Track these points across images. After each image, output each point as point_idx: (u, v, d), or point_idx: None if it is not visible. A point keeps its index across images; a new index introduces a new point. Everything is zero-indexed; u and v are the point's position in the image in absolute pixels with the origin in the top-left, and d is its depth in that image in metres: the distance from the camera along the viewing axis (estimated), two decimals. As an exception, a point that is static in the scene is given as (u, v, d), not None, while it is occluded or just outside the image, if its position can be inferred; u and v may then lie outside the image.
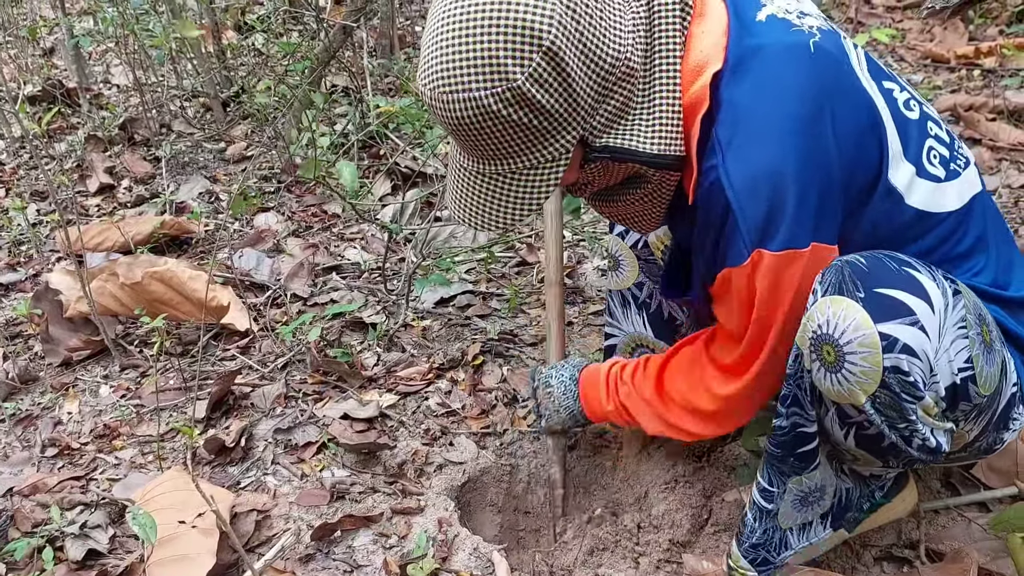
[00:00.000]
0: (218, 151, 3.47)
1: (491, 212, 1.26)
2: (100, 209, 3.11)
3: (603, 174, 1.30)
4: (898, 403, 1.14)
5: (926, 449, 1.19)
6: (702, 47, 1.22)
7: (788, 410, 1.28)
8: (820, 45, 1.23)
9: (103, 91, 4.12)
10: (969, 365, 1.16)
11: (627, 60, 1.18)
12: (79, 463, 1.92)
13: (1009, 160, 2.90)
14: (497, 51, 1.08)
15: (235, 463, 1.88)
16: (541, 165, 1.20)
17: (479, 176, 1.24)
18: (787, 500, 1.36)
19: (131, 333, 2.37)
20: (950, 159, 1.32)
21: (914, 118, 1.30)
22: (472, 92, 1.11)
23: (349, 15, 3.19)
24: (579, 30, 1.11)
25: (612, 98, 1.20)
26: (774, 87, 1.19)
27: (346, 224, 2.95)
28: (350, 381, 2.11)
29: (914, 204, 1.27)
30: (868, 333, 1.11)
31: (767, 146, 1.17)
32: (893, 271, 1.15)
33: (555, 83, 1.11)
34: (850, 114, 1.21)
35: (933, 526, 1.59)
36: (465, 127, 1.15)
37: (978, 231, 1.33)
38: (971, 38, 3.95)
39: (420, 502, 1.75)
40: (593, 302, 2.46)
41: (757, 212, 1.17)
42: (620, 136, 1.23)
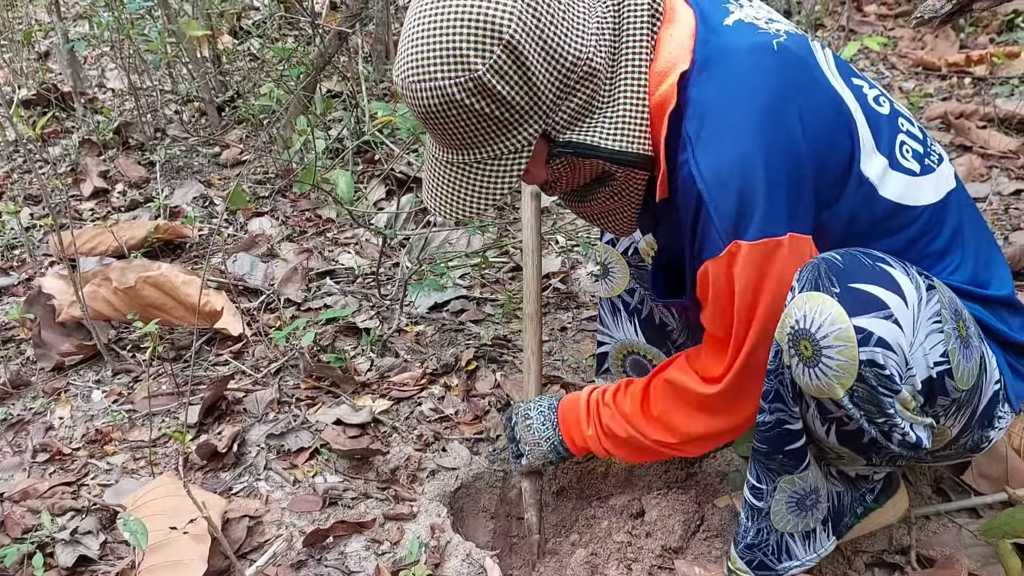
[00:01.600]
0: (213, 156, 3.47)
1: (457, 200, 1.31)
2: (94, 213, 3.11)
3: (570, 171, 1.33)
4: (875, 396, 1.16)
5: (906, 444, 1.21)
6: (670, 49, 1.27)
7: (771, 406, 1.30)
8: (784, 45, 1.27)
9: (98, 95, 4.12)
10: (945, 359, 1.18)
11: (589, 60, 1.23)
12: (70, 468, 1.92)
13: (999, 167, 2.92)
14: (460, 43, 1.15)
15: (227, 469, 1.88)
16: (505, 156, 1.26)
17: (448, 165, 1.30)
18: (780, 500, 1.36)
19: (124, 338, 2.36)
20: (924, 154, 1.35)
21: (884, 113, 1.33)
22: (438, 81, 1.17)
23: (344, 21, 3.20)
24: (539, 27, 1.17)
25: (575, 95, 1.24)
26: (739, 83, 1.23)
27: (340, 229, 2.95)
28: (343, 386, 2.11)
29: (888, 196, 1.29)
30: (843, 327, 1.13)
31: (734, 138, 1.21)
32: (867, 267, 1.17)
33: (515, 75, 1.17)
34: (816, 106, 1.24)
35: (924, 532, 1.60)
36: (432, 115, 1.22)
37: (954, 226, 1.34)
38: (962, 46, 3.98)
39: (413, 508, 1.75)
40: (587, 307, 2.46)
41: (728, 202, 1.20)
42: (583, 133, 1.27)
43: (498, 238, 2.77)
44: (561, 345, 2.27)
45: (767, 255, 1.21)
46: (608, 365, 1.91)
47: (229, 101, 3.79)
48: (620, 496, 1.77)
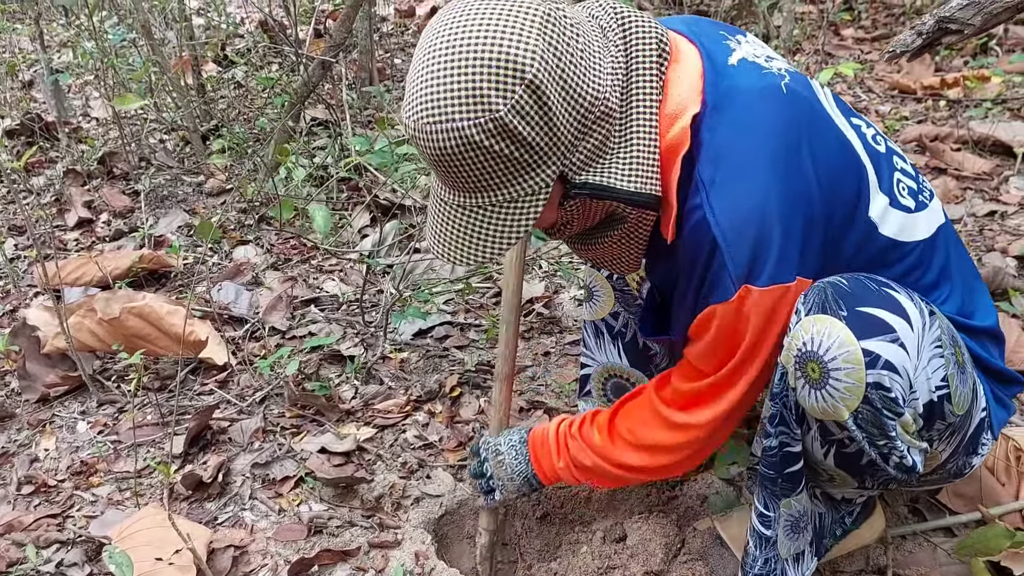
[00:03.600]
0: (197, 184, 3.48)
1: (470, 246, 1.26)
2: (78, 243, 3.12)
3: (581, 213, 1.31)
4: (879, 419, 1.18)
5: (902, 467, 1.24)
6: (680, 91, 1.26)
7: (776, 429, 1.31)
8: (791, 86, 1.28)
9: (82, 124, 4.14)
10: (945, 384, 1.21)
11: (606, 100, 1.21)
12: (55, 500, 1.92)
13: (973, 189, 2.98)
14: (481, 83, 1.11)
15: (212, 499, 1.89)
16: (521, 198, 1.22)
17: (459, 209, 1.25)
18: (782, 526, 1.38)
19: (109, 368, 2.37)
20: (918, 190, 1.37)
21: (882, 151, 1.36)
22: (456, 123, 1.13)
23: (328, 50, 3.23)
24: (560, 67, 1.14)
25: (591, 136, 1.22)
26: (753, 127, 1.22)
27: (325, 257, 2.97)
28: (328, 414, 2.12)
29: (887, 234, 1.31)
30: (852, 349, 1.15)
31: (750, 184, 1.20)
32: (873, 291, 1.20)
33: (536, 116, 1.14)
34: (826, 149, 1.25)
35: (900, 552, 1.62)
36: (448, 158, 1.17)
37: (943, 260, 1.37)
38: (937, 69, 4.05)
39: (397, 535, 1.76)
40: (570, 331, 2.49)
41: (744, 249, 1.20)
42: (599, 174, 1.24)
43: (481, 265, 2.79)
44: (544, 370, 2.30)
45: (776, 301, 1.23)
46: (590, 388, 1.93)
47: (213, 130, 3.81)
48: (602, 520, 1.79)
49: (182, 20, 3.76)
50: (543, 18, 1.14)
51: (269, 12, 4.33)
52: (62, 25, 5.00)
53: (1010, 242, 2.60)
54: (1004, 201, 2.88)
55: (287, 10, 3.84)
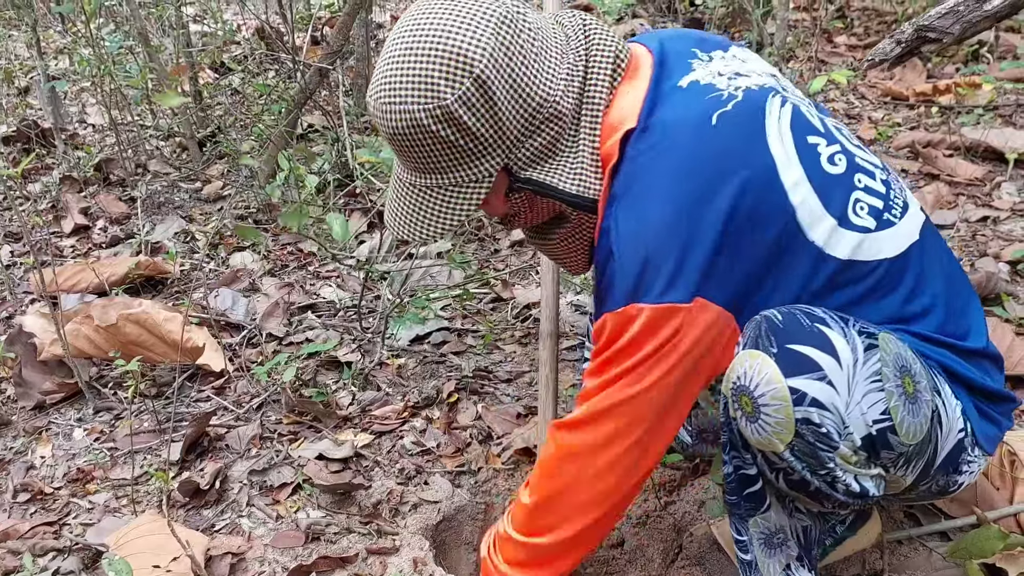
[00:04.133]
0: (194, 191, 3.49)
1: (415, 222, 1.36)
2: (75, 250, 3.12)
3: (528, 207, 1.39)
4: (814, 452, 1.20)
5: (852, 494, 1.25)
6: (623, 106, 1.32)
7: (729, 455, 1.34)
8: (727, 114, 1.28)
9: (79, 131, 4.14)
10: (886, 417, 1.20)
11: (555, 103, 1.28)
12: (52, 508, 1.92)
13: (966, 195, 3.00)
14: (432, 72, 1.22)
15: (210, 506, 1.89)
16: (465, 184, 1.32)
17: (411, 187, 1.36)
18: (756, 545, 1.39)
19: (105, 375, 2.37)
20: (883, 209, 1.33)
21: (838, 172, 1.31)
22: (408, 106, 1.24)
23: (325, 57, 3.24)
24: (510, 66, 1.24)
25: (539, 135, 1.30)
26: (666, 153, 1.26)
27: (322, 262, 2.98)
28: (325, 421, 2.13)
29: (838, 255, 1.28)
30: (779, 387, 1.18)
31: (652, 203, 1.24)
32: (805, 328, 1.20)
33: (482, 108, 1.24)
34: (740, 180, 1.24)
35: (896, 556, 1.63)
36: (400, 137, 1.28)
37: (917, 278, 1.34)
38: (929, 76, 4.08)
39: (395, 542, 1.77)
40: (568, 337, 2.49)
41: (634, 265, 1.24)
42: (544, 172, 1.32)
43: (479, 270, 2.81)
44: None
45: (668, 320, 1.24)
46: None
47: (210, 136, 3.82)
48: (600, 526, 1.79)
49: (179, 27, 3.77)
50: (499, 19, 1.24)
51: (266, 19, 4.34)
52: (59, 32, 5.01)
53: (1003, 247, 2.62)
54: (996, 207, 2.90)
55: (284, 17, 3.85)
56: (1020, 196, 2.96)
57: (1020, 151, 3.13)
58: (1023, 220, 2.81)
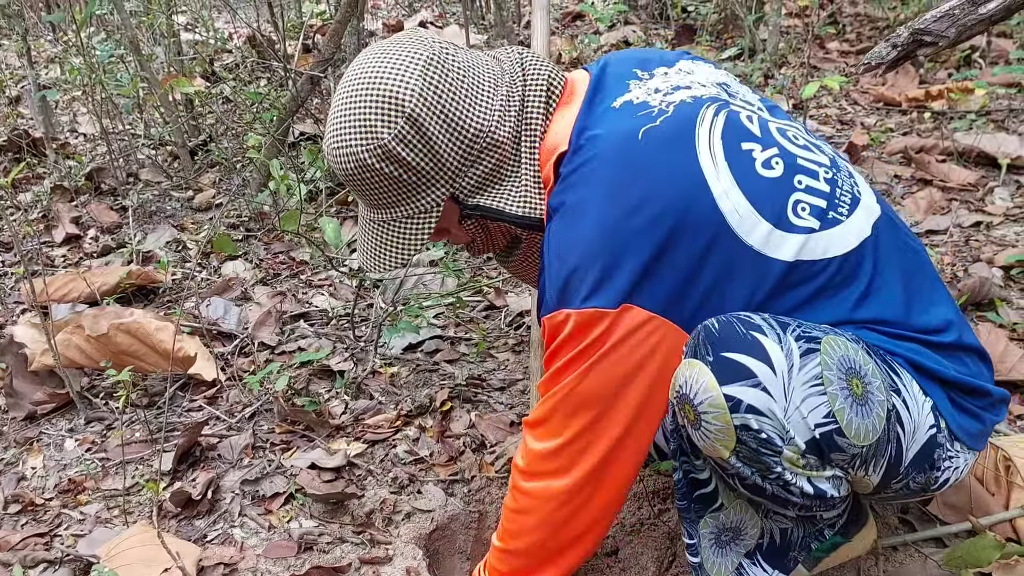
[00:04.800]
0: (186, 200, 3.48)
1: (378, 255, 1.47)
2: (66, 259, 3.10)
3: (484, 233, 1.50)
4: (759, 457, 1.22)
5: (807, 496, 1.26)
6: (556, 131, 1.41)
7: (679, 461, 1.36)
8: (653, 129, 1.32)
9: (70, 140, 4.13)
10: (830, 419, 1.21)
11: (491, 132, 1.37)
12: (43, 519, 1.90)
13: (959, 200, 3.00)
14: (370, 115, 1.33)
15: (202, 516, 1.88)
16: (416, 215, 1.42)
17: (371, 223, 1.46)
18: (704, 546, 1.40)
19: (97, 385, 2.35)
20: (827, 208, 1.34)
21: (774, 176, 1.32)
22: (352, 148, 1.35)
23: (317, 65, 3.24)
24: (440, 102, 1.34)
25: (480, 164, 1.39)
26: (592, 168, 1.33)
27: (314, 271, 2.97)
28: (318, 430, 2.12)
29: (781, 256, 1.30)
30: (714, 395, 1.20)
31: (578, 219, 1.31)
32: (740, 336, 1.22)
33: (418, 144, 1.34)
34: (665, 190, 1.28)
35: (891, 563, 1.63)
36: (351, 177, 1.39)
37: (873, 274, 1.35)
38: (922, 81, 4.09)
39: (388, 551, 1.76)
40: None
41: (561, 273, 1.31)
42: (490, 198, 1.42)
43: (472, 278, 2.80)
44: (529, 382, 2.29)
45: (589, 325, 1.29)
46: None
47: (202, 145, 3.81)
48: (594, 534, 1.79)
49: (170, 36, 3.76)
50: (426, 62, 1.34)
51: (258, 27, 4.34)
52: (50, 41, 5.00)
53: (996, 252, 2.62)
54: (989, 212, 2.90)
55: (275, 25, 3.85)
56: (1013, 201, 2.97)
57: (1013, 156, 3.14)
58: (1016, 225, 2.82)
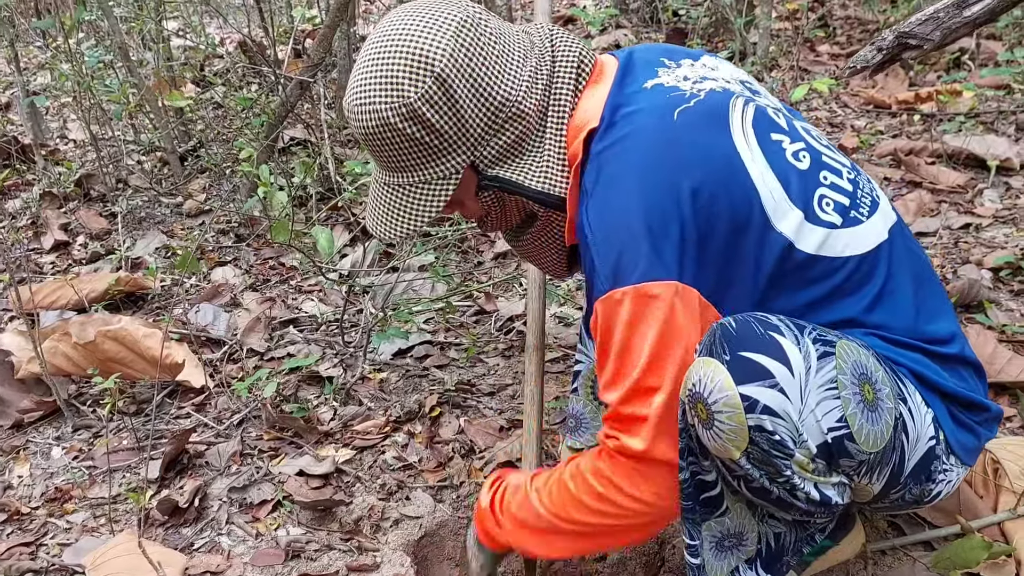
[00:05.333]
0: (175, 205, 3.47)
1: (389, 220, 1.42)
2: (55, 266, 3.09)
3: (499, 207, 1.45)
4: (770, 459, 1.20)
5: (812, 502, 1.24)
6: (586, 108, 1.38)
7: (686, 461, 1.33)
8: (690, 109, 1.32)
9: (59, 146, 4.11)
10: (842, 424, 1.20)
11: (518, 103, 1.33)
12: (29, 528, 1.89)
13: (948, 202, 3.01)
14: (397, 73, 1.29)
15: (189, 524, 1.86)
16: (434, 181, 1.37)
17: (385, 187, 1.42)
18: (706, 549, 1.38)
19: (84, 393, 2.34)
20: (849, 207, 1.35)
21: (802, 168, 1.34)
22: (376, 105, 1.30)
23: (307, 70, 3.23)
24: (471, 65, 1.30)
25: (503, 134, 1.35)
26: (630, 143, 1.31)
27: (304, 276, 2.96)
28: (306, 436, 2.11)
29: (805, 248, 1.31)
30: (730, 394, 1.18)
31: (619, 193, 1.29)
32: (758, 335, 1.21)
33: (444, 106, 1.30)
34: (704, 166, 1.28)
35: (880, 567, 1.62)
36: (371, 137, 1.34)
37: (886, 277, 1.35)
38: (911, 84, 4.10)
39: (376, 558, 1.75)
40: (550, 349, 2.48)
41: (610, 252, 1.28)
42: (510, 170, 1.38)
43: (462, 282, 2.79)
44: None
45: (646, 303, 1.26)
46: (577, 385, 1.92)
47: (192, 151, 3.80)
48: (583, 540, 1.78)
49: (160, 41, 3.76)
50: (460, 23, 1.30)
51: (248, 33, 4.34)
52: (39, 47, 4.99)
53: (985, 254, 2.63)
54: (978, 214, 2.90)
55: (266, 31, 3.84)
56: (1002, 203, 2.98)
57: (1002, 158, 3.14)
58: (1005, 227, 2.82)
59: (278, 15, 4.99)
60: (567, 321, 2.61)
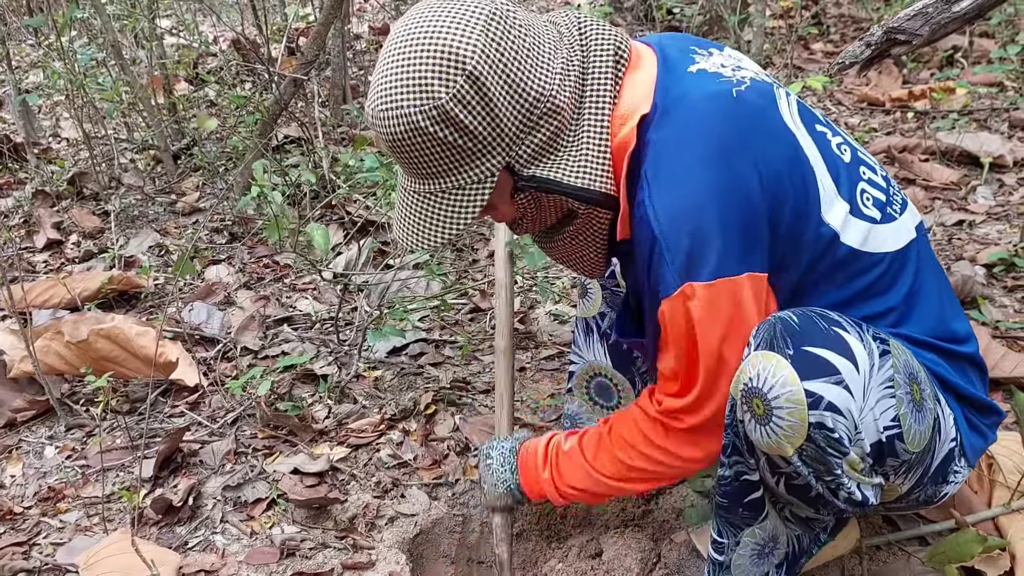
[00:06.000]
0: (168, 204, 3.46)
1: (423, 230, 1.33)
2: (47, 265, 3.08)
3: (535, 208, 1.36)
4: (824, 457, 1.18)
5: (852, 502, 1.23)
6: (633, 95, 1.31)
7: (730, 459, 1.31)
8: (743, 93, 1.29)
9: (52, 145, 4.10)
10: (896, 424, 1.20)
11: (552, 97, 1.26)
12: (22, 528, 1.88)
13: (942, 199, 3.01)
14: (426, 73, 1.20)
15: (183, 523, 1.86)
16: (469, 186, 1.28)
17: (415, 195, 1.33)
18: (743, 554, 1.37)
19: (77, 392, 2.33)
20: (886, 203, 1.36)
21: (846, 160, 1.34)
22: (404, 109, 1.21)
23: (300, 67, 3.23)
24: (503, 61, 1.21)
25: (538, 131, 1.27)
26: (695, 127, 1.25)
27: (298, 275, 2.95)
28: (301, 435, 2.10)
29: (849, 242, 1.30)
30: (795, 390, 1.15)
31: (687, 180, 1.23)
32: (822, 330, 1.19)
33: (478, 106, 1.21)
34: (770, 152, 1.26)
35: (875, 562, 1.62)
36: (400, 143, 1.25)
37: (914, 277, 1.35)
38: (905, 81, 4.11)
39: (371, 556, 1.74)
40: (545, 347, 2.48)
41: (681, 243, 1.23)
42: (547, 168, 1.29)
43: (457, 280, 2.79)
44: (520, 385, 2.29)
45: (721, 295, 1.23)
46: (572, 385, 1.92)
47: (185, 149, 3.79)
48: (578, 536, 1.78)
49: (153, 40, 3.74)
50: (488, 17, 1.22)
51: (242, 31, 4.32)
52: (31, 45, 4.97)
53: (978, 250, 2.63)
54: (972, 210, 2.91)
55: (259, 28, 3.83)
56: (995, 200, 2.98)
57: (995, 155, 3.15)
58: (999, 223, 2.83)
59: (271, 13, 4.98)
60: (562, 319, 2.60)
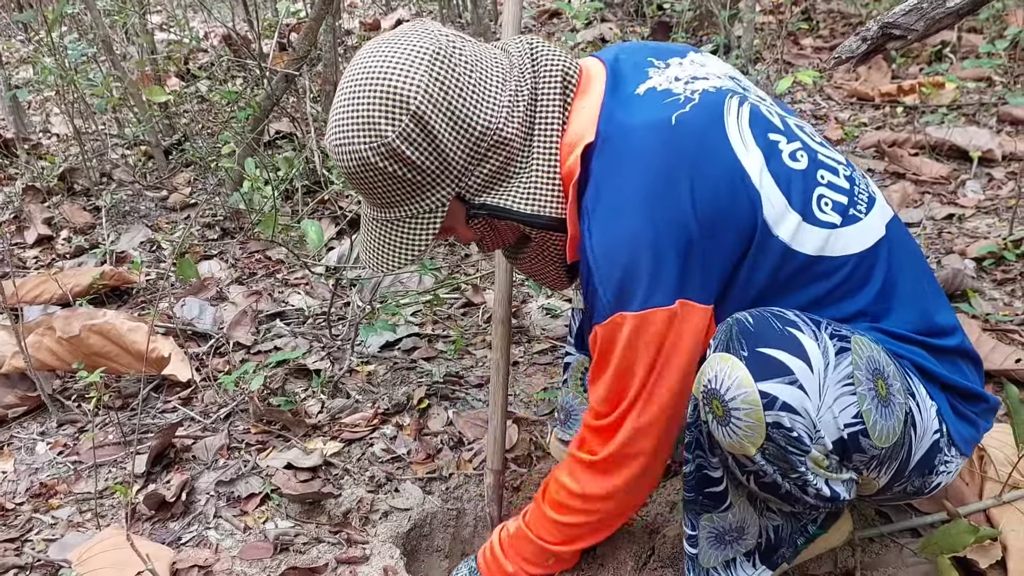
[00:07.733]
0: (160, 199, 3.44)
1: (381, 255, 1.41)
2: (38, 261, 3.06)
3: (492, 232, 1.44)
4: (786, 455, 1.20)
5: (822, 497, 1.25)
6: (580, 121, 1.35)
7: (693, 454, 1.35)
8: (686, 116, 1.30)
9: (42, 140, 4.07)
10: (858, 420, 1.20)
11: (499, 130, 1.31)
12: (13, 524, 1.87)
13: (931, 193, 3.03)
14: (373, 112, 1.27)
15: (176, 518, 1.85)
16: (421, 215, 1.36)
17: (374, 222, 1.41)
18: (702, 538, 1.39)
19: (69, 388, 2.32)
20: (848, 205, 1.34)
21: (800, 168, 1.32)
22: (355, 146, 1.29)
23: (292, 63, 3.21)
24: (447, 99, 1.27)
25: (487, 162, 1.33)
26: (630, 160, 1.29)
27: (291, 270, 2.94)
28: (294, 430, 2.10)
29: (804, 250, 1.30)
30: (749, 391, 1.18)
31: (622, 214, 1.27)
32: (777, 331, 1.20)
33: (424, 143, 1.28)
34: (709, 177, 1.26)
35: (867, 554, 1.63)
36: (354, 176, 1.33)
37: (886, 274, 1.35)
38: (894, 76, 4.12)
39: (365, 551, 1.74)
40: (538, 341, 2.48)
41: (612, 276, 1.28)
42: (497, 196, 1.36)
43: (449, 275, 2.79)
44: (512, 379, 2.29)
45: (652, 324, 1.28)
46: (567, 377, 1.93)
47: (176, 144, 3.77)
48: (572, 530, 1.78)
49: (144, 35, 3.72)
50: (432, 56, 1.27)
51: (233, 26, 4.30)
52: (21, 41, 4.94)
53: (968, 244, 2.65)
54: (961, 204, 2.93)
55: (251, 24, 3.82)
56: (984, 194, 3.00)
57: (984, 149, 3.17)
58: (988, 217, 2.85)
59: (263, 9, 4.96)
60: (555, 312, 2.61)
